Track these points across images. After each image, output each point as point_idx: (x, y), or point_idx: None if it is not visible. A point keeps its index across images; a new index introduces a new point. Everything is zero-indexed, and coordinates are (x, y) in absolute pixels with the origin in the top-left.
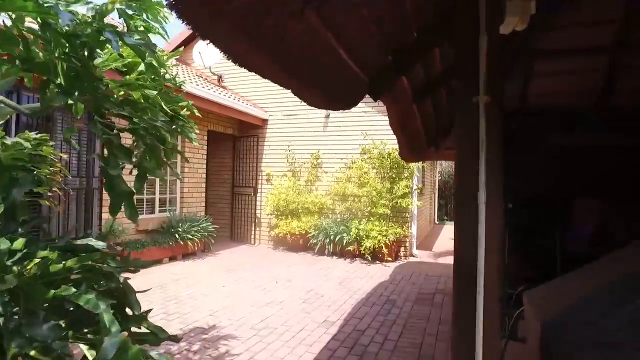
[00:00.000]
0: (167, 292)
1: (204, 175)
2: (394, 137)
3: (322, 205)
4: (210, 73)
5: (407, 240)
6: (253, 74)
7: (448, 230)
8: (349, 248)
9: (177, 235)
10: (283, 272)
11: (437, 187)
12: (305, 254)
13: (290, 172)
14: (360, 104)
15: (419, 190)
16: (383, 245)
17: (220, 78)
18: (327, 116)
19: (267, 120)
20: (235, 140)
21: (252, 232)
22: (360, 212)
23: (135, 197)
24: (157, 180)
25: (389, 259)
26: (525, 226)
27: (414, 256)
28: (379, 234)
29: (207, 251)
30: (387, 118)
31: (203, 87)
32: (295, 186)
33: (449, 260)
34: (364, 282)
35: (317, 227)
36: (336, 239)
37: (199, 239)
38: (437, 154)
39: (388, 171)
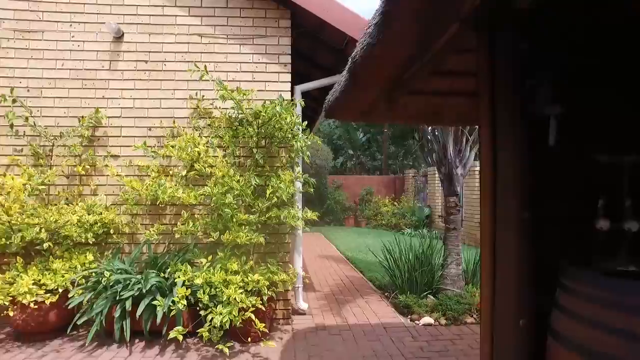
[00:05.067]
0: None
1: None
2: (265, 76)
3: (105, 227)
4: None
5: (291, 288)
6: None
7: (312, 242)
8: (171, 330)
9: None
10: None
11: None
12: (60, 351)
13: (32, 157)
14: (193, 20)
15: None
16: (252, 315)
17: None
18: (120, 37)
19: None
20: None
21: None
22: (196, 240)
23: None
24: None
25: (260, 337)
26: None
27: (301, 313)
28: (243, 289)
29: None
30: (245, 49)
31: None
32: (37, 188)
33: (363, 315)
34: None
35: (91, 281)
36: (140, 310)
37: None
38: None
39: (254, 149)
